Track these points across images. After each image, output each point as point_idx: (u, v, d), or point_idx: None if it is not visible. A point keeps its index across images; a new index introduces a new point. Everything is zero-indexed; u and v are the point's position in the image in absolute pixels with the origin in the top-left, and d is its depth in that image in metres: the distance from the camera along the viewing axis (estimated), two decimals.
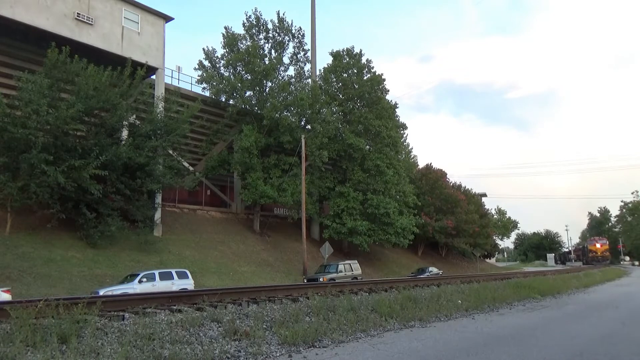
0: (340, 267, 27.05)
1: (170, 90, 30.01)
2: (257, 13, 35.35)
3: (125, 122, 25.72)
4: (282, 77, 35.62)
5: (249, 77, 33.63)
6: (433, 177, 49.82)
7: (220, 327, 8.09)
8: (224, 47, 34.37)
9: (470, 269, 52.73)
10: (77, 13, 24.78)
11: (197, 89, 34.30)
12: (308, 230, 34.55)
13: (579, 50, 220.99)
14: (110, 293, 15.42)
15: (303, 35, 36.81)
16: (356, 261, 29.24)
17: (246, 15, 35.49)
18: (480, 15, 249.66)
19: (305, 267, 27.60)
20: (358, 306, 10.92)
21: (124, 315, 8.18)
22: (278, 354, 7.34)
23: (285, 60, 36.31)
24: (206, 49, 34.31)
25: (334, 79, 38.79)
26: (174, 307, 9.48)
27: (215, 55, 34.48)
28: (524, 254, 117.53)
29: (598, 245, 74.86)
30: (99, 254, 23.28)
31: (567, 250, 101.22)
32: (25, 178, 20.62)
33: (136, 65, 25.98)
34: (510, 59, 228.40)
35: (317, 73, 39.83)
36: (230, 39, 34.08)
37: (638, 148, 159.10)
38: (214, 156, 34.12)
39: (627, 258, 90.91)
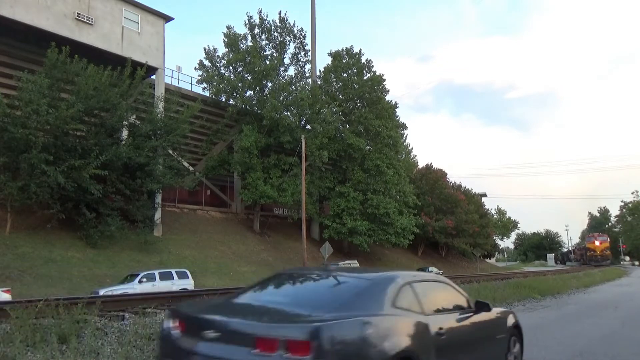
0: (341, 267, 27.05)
1: (170, 90, 29.99)
2: (262, 14, 35.30)
3: (125, 122, 25.71)
4: (283, 77, 35.61)
5: (250, 77, 33.62)
6: (433, 177, 49.82)
7: None
8: (225, 47, 34.35)
9: (470, 269, 52.71)
10: (77, 13, 24.77)
11: (197, 89, 34.35)
12: (308, 230, 34.54)
13: (579, 51, 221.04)
14: (110, 293, 15.42)
15: (304, 36, 36.81)
16: (356, 261, 29.30)
17: (248, 16, 35.31)
18: (479, 15, 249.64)
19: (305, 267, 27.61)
20: None
21: (124, 315, 8.20)
22: None
23: (286, 60, 36.32)
24: (207, 48, 34.32)
25: (334, 79, 38.79)
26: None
27: (216, 55, 34.49)
28: (524, 254, 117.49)
29: (597, 243, 67.84)
30: (99, 254, 23.27)
31: (567, 250, 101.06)
32: (25, 178, 20.59)
33: (136, 65, 25.94)
34: (510, 59, 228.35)
35: (317, 73, 39.86)
36: (232, 39, 34.04)
37: (638, 148, 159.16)
38: (214, 156, 34.12)
39: (627, 258, 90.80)
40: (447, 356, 4.23)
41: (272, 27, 35.62)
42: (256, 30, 35.27)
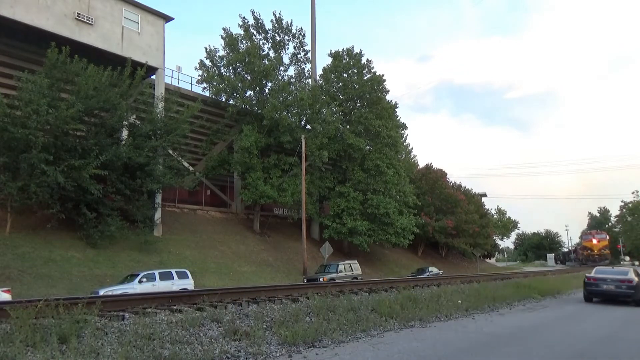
0: (340, 267, 27.02)
1: (170, 90, 29.99)
2: (256, 14, 35.26)
3: (125, 122, 25.70)
4: (282, 77, 35.59)
5: (249, 77, 33.62)
6: (433, 177, 49.80)
7: (220, 327, 8.10)
8: (224, 48, 34.31)
9: (470, 269, 52.71)
10: (77, 13, 24.77)
11: (197, 89, 34.31)
12: (308, 230, 34.55)
13: (579, 51, 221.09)
14: (110, 293, 15.41)
15: (304, 36, 36.74)
16: (356, 261, 29.22)
17: (241, 17, 35.00)
18: (479, 15, 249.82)
19: (305, 267, 27.59)
20: (358, 306, 10.93)
21: (124, 315, 8.18)
22: (278, 354, 7.34)
23: (286, 60, 36.29)
24: (208, 48, 34.27)
25: (334, 79, 38.79)
26: (174, 307, 9.48)
27: (217, 54, 34.45)
28: (524, 254, 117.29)
29: (595, 241, 63.60)
30: (99, 254, 23.27)
31: (567, 250, 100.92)
32: (25, 178, 20.59)
33: (136, 65, 25.96)
34: (510, 59, 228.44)
35: (318, 73, 39.86)
36: (231, 39, 34.02)
37: (638, 148, 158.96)
38: (214, 156, 34.11)
39: (627, 258, 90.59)
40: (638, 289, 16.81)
41: (271, 27, 35.57)
42: (252, 30, 35.18)
